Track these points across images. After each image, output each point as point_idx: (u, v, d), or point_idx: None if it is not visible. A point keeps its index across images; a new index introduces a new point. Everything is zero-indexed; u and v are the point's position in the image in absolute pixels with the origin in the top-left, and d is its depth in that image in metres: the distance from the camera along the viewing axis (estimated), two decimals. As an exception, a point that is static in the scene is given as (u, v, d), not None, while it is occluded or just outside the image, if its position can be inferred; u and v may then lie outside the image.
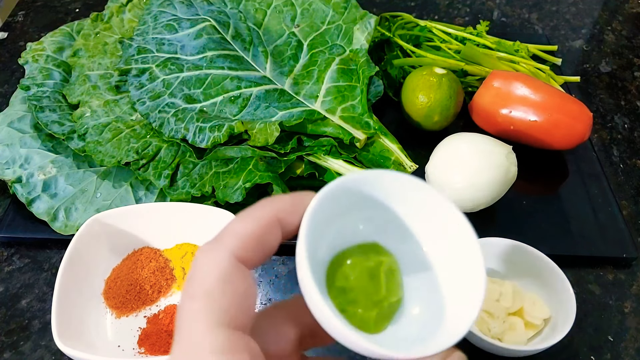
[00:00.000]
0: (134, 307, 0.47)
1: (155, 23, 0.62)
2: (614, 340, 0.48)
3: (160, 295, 0.48)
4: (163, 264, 0.50)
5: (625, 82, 0.74)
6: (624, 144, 0.66)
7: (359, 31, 0.63)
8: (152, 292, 0.48)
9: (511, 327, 0.45)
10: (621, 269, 0.53)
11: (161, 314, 0.47)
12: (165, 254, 0.50)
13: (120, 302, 0.47)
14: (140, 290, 0.48)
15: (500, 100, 0.59)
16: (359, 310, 0.25)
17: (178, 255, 0.50)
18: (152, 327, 0.46)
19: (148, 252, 0.50)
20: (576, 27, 0.83)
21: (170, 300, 0.48)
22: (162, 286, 0.48)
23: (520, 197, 0.58)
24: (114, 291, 0.47)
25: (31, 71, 0.60)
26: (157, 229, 0.50)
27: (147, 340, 0.45)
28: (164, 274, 0.49)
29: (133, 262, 0.50)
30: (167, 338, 0.44)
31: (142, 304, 0.47)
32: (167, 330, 0.45)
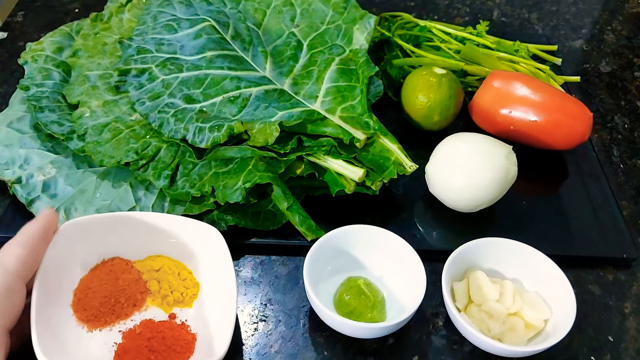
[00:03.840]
0: (108, 321, 0.44)
1: (155, 23, 0.62)
2: (614, 341, 0.48)
3: (135, 309, 0.46)
4: (136, 276, 0.47)
5: (626, 82, 0.74)
6: (624, 144, 0.66)
7: (358, 31, 0.63)
8: (127, 305, 0.46)
9: (511, 327, 0.45)
10: (621, 269, 0.53)
11: (138, 329, 0.44)
12: (137, 266, 0.48)
13: (92, 315, 0.44)
14: (115, 303, 0.45)
15: (500, 100, 0.59)
16: (369, 315, 0.46)
17: (152, 267, 0.48)
18: (129, 342, 0.43)
19: (120, 264, 0.48)
20: (576, 27, 0.83)
21: (145, 314, 0.46)
22: (137, 299, 0.46)
23: (520, 197, 0.58)
24: (85, 303, 0.44)
25: (30, 71, 0.60)
26: (126, 239, 0.47)
27: (125, 356, 0.42)
28: (138, 287, 0.47)
29: (105, 273, 0.47)
30: (148, 354, 0.42)
31: (116, 317, 0.45)
32: (149, 345, 0.43)
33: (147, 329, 0.44)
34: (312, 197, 0.55)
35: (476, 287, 0.47)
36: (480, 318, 0.46)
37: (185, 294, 0.47)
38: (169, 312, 0.46)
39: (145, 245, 0.48)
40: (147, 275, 0.48)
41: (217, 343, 0.42)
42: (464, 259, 0.48)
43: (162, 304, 0.46)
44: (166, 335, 0.44)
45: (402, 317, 0.43)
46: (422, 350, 0.47)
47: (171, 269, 0.48)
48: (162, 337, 0.43)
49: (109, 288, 0.46)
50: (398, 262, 0.48)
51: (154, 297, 0.47)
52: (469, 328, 0.43)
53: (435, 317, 0.49)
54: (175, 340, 0.43)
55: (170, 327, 0.44)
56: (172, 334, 0.44)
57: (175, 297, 0.47)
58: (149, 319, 0.45)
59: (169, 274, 0.48)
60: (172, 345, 0.43)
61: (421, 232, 0.54)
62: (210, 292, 0.46)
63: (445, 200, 0.54)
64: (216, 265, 0.46)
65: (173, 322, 0.45)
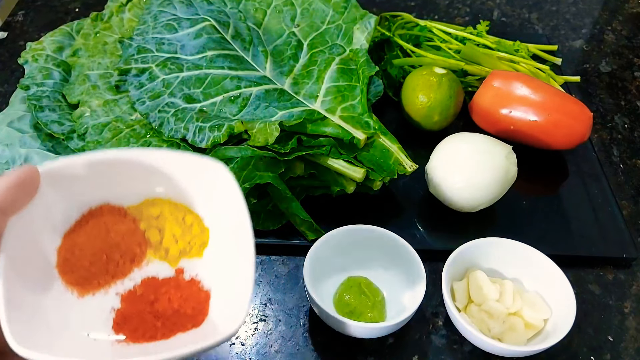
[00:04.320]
0: (102, 283, 0.36)
1: (155, 23, 0.62)
2: (613, 341, 0.48)
3: (133, 266, 0.37)
4: (132, 226, 0.38)
5: (626, 82, 0.74)
6: (624, 144, 0.66)
7: (359, 31, 0.63)
8: (123, 262, 0.37)
9: (511, 327, 0.45)
10: (621, 269, 0.53)
11: (139, 290, 0.36)
12: (132, 212, 0.39)
13: (82, 277, 0.36)
14: (108, 260, 0.37)
15: (500, 100, 0.59)
16: (369, 315, 0.46)
17: (150, 213, 0.39)
18: (129, 306, 0.36)
19: (110, 211, 0.38)
20: (576, 27, 0.83)
21: (146, 271, 0.37)
22: (135, 254, 0.38)
23: (520, 197, 0.58)
24: (72, 263, 0.36)
25: (31, 71, 0.60)
26: (117, 182, 0.38)
27: (125, 324, 0.35)
28: (135, 238, 0.38)
29: (93, 225, 0.38)
30: (153, 320, 0.34)
31: (111, 277, 0.36)
32: (153, 310, 0.35)
33: (149, 290, 0.36)
34: (312, 197, 0.55)
35: (476, 287, 0.47)
36: (480, 318, 0.46)
37: (192, 243, 0.38)
38: (175, 266, 0.38)
39: (139, 187, 0.39)
40: (145, 223, 0.39)
41: (236, 300, 0.33)
42: (464, 259, 0.48)
43: (166, 257, 0.38)
44: (173, 295, 0.36)
45: (402, 317, 0.43)
46: (422, 350, 0.47)
47: (173, 214, 0.39)
48: (168, 299, 0.36)
49: (100, 242, 0.37)
50: (398, 262, 0.48)
51: (155, 249, 0.38)
52: (469, 328, 0.43)
53: (435, 317, 0.49)
54: (184, 300, 0.35)
55: (178, 285, 0.36)
56: (180, 293, 0.36)
57: (181, 247, 0.38)
58: (152, 277, 0.37)
59: (172, 220, 0.39)
60: (182, 307, 0.35)
61: (421, 232, 0.54)
62: (223, 238, 0.38)
63: (445, 200, 0.54)
64: (226, 206, 0.37)
65: (181, 279, 0.37)
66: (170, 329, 0.34)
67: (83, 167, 0.36)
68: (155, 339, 0.33)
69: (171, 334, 0.33)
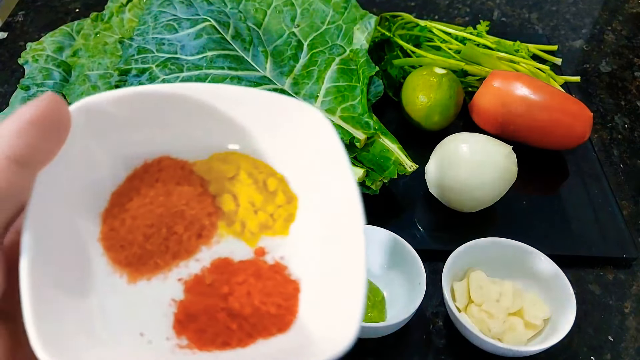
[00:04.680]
0: (160, 264, 0.27)
1: (156, 23, 0.62)
2: (614, 341, 0.48)
3: (200, 242, 0.28)
4: (200, 189, 0.29)
5: (626, 82, 0.74)
6: (624, 144, 0.66)
7: (359, 31, 0.63)
8: (188, 236, 0.28)
9: (511, 327, 0.45)
10: (621, 269, 0.53)
11: (208, 276, 0.27)
12: (199, 170, 0.29)
13: (134, 256, 0.27)
14: (168, 233, 0.27)
15: (500, 101, 0.59)
16: (369, 315, 0.45)
17: (222, 172, 0.29)
18: (195, 299, 0.26)
19: (171, 167, 0.29)
20: (576, 27, 0.83)
21: (217, 251, 0.28)
22: (204, 226, 0.28)
23: (521, 197, 0.58)
24: (121, 236, 0.27)
25: (31, 71, 0.60)
26: (179, 128, 0.28)
27: (190, 323, 0.25)
28: (204, 205, 0.28)
29: (149, 184, 0.28)
30: (226, 320, 0.25)
31: (172, 257, 0.27)
32: (226, 306, 0.25)
33: (222, 276, 0.27)
34: (312, 197, 0.55)
35: (476, 287, 0.47)
36: (480, 318, 0.46)
37: (276, 215, 0.29)
38: (254, 245, 0.28)
39: (209, 136, 0.29)
40: (216, 185, 0.29)
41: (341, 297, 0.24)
42: (464, 259, 0.48)
43: (243, 232, 0.28)
44: (253, 286, 0.26)
45: (402, 317, 0.43)
46: (422, 350, 0.47)
47: (252, 175, 0.29)
48: (246, 292, 0.26)
49: (158, 208, 0.27)
50: (398, 262, 0.48)
51: (228, 221, 0.28)
52: (469, 328, 0.43)
53: (435, 317, 0.49)
54: (267, 294, 0.26)
55: (258, 272, 0.27)
56: (261, 283, 0.26)
57: (261, 220, 0.28)
58: (224, 259, 0.27)
59: (250, 183, 0.29)
60: (264, 304, 0.26)
61: (421, 232, 0.54)
62: (317, 210, 0.28)
63: (445, 200, 0.54)
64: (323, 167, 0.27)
65: (262, 263, 0.27)
66: (249, 333, 0.25)
67: (133, 105, 0.27)
68: (228, 346, 0.24)
69: (250, 340, 0.25)
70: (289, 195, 0.29)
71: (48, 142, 0.21)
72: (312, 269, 0.26)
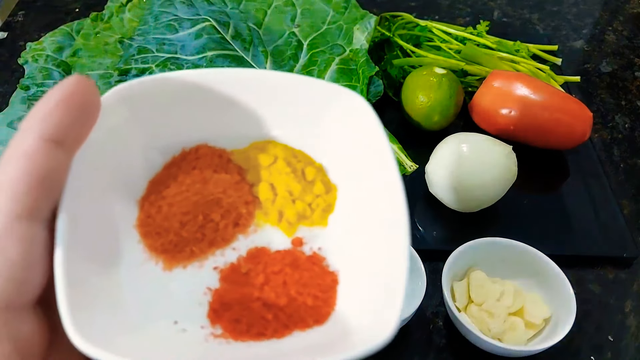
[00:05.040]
0: (196, 251, 0.27)
1: (157, 23, 0.62)
2: (614, 340, 0.48)
3: (237, 231, 0.28)
4: (237, 177, 0.29)
5: (626, 82, 0.74)
6: (625, 144, 0.66)
7: (359, 31, 0.63)
8: (225, 225, 0.28)
9: (511, 327, 0.45)
10: (622, 268, 0.53)
11: (244, 265, 0.26)
12: (237, 159, 0.29)
13: (170, 243, 0.26)
14: (204, 221, 0.27)
15: (501, 100, 0.59)
16: None
17: (260, 161, 0.29)
18: (231, 288, 0.26)
19: (208, 155, 0.29)
20: (577, 27, 0.83)
21: (254, 240, 0.27)
22: (241, 215, 0.28)
23: (521, 197, 0.58)
24: (158, 223, 0.27)
25: (31, 71, 0.60)
26: (218, 115, 0.28)
27: (225, 312, 0.25)
28: (241, 194, 0.28)
29: (186, 171, 0.28)
30: (262, 310, 0.25)
31: (208, 245, 0.27)
32: (262, 296, 0.25)
33: (259, 266, 0.27)
34: (312, 196, 0.55)
35: (476, 287, 0.47)
36: (481, 318, 0.46)
37: (314, 205, 0.28)
38: (291, 235, 0.28)
39: (247, 124, 0.29)
40: (254, 174, 0.29)
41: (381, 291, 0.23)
42: (464, 259, 0.48)
43: (280, 221, 0.28)
44: (289, 277, 0.26)
45: (402, 317, 0.43)
46: (422, 350, 0.47)
47: (291, 164, 0.29)
48: (282, 282, 0.26)
49: (195, 196, 0.27)
50: None
51: (266, 210, 0.28)
52: (469, 328, 0.43)
53: (435, 317, 0.49)
54: (304, 285, 0.25)
55: (295, 262, 0.27)
56: (298, 274, 0.26)
57: (299, 209, 0.28)
58: (261, 248, 0.27)
59: (288, 172, 0.29)
60: (301, 294, 0.25)
61: (421, 232, 0.54)
62: (357, 201, 0.27)
63: (445, 200, 0.54)
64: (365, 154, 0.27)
65: (299, 253, 0.27)
66: (285, 324, 0.24)
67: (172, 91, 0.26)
68: (263, 336, 0.24)
69: (286, 331, 0.24)
70: (327, 185, 0.28)
71: (79, 120, 0.21)
72: (351, 261, 0.26)
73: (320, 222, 0.28)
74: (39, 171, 0.19)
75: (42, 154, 0.19)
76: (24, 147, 0.19)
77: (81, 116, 0.21)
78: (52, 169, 0.19)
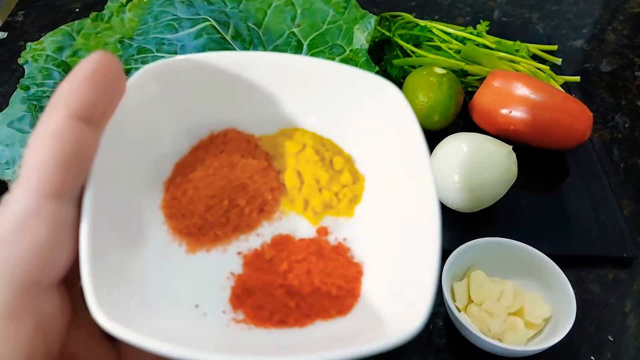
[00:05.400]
0: (220, 236, 0.26)
1: (156, 23, 0.62)
2: (614, 340, 0.48)
3: (262, 217, 0.27)
4: (264, 163, 0.28)
5: (626, 82, 0.74)
6: (625, 144, 0.66)
7: (359, 31, 0.63)
8: (250, 210, 0.27)
9: (511, 327, 0.45)
10: (622, 268, 0.53)
11: (268, 252, 0.26)
12: (265, 145, 0.29)
13: (194, 226, 0.26)
14: (230, 206, 0.27)
15: (501, 100, 0.59)
16: None
17: (287, 149, 0.28)
18: (254, 274, 0.25)
19: (236, 139, 0.28)
20: (577, 26, 0.83)
21: (278, 226, 0.27)
22: (266, 201, 0.27)
23: (521, 197, 0.58)
24: (183, 205, 0.26)
25: (31, 71, 0.60)
26: (247, 100, 0.27)
27: (248, 298, 0.24)
28: (267, 180, 0.28)
29: (213, 155, 0.28)
30: (284, 298, 0.24)
31: (232, 230, 0.27)
32: (285, 283, 0.25)
33: (282, 253, 0.26)
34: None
35: (476, 287, 0.47)
36: (481, 317, 0.46)
37: (341, 195, 0.28)
38: (316, 224, 0.27)
39: (277, 110, 0.28)
40: (281, 160, 0.28)
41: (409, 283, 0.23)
42: (464, 259, 0.48)
43: (306, 210, 0.28)
44: (313, 265, 0.25)
45: None
46: (422, 351, 0.47)
47: (319, 152, 0.28)
48: (306, 270, 0.25)
49: (221, 180, 0.27)
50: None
51: (292, 198, 0.28)
52: (469, 328, 0.43)
53: (435, 317, 0.49)
54: (328, 275, 0.25)
55: (320, 251, 0.26)
56: (323, 263, 0.26)
57: (325, 198, 0.27)
58: (285, 235, 0.27)
59: (316, 160, 0.28)
60: (324, 284, 0.25)
61: (421, 232, 0.54)
62: (386, 192, 0.27)
63: (445, 200, 0.54)
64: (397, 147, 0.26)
65: (324, 242, 0.26)
66: (307, 313, 0.24)
67: (203, 72, 0.26)
68: (285, 324, 0.23)
69: (307, 320, 0.24)
70: (355, 176, 0.28)
71: (105, 96, 0.20)
72: (377, 253, 0.25)
73: (346, 212, 0.27)
74: (68, 150, 0.19)
75: (70, 132, 0.19)
76: (52, 126, 0.19)
77: (107, 91, 0.20)
78: (80, 147, 0.19)
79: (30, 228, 0.18)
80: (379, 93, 0.26)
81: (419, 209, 0.24)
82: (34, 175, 0.18)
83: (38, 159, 0.18)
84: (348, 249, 0.26)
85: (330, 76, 0.26)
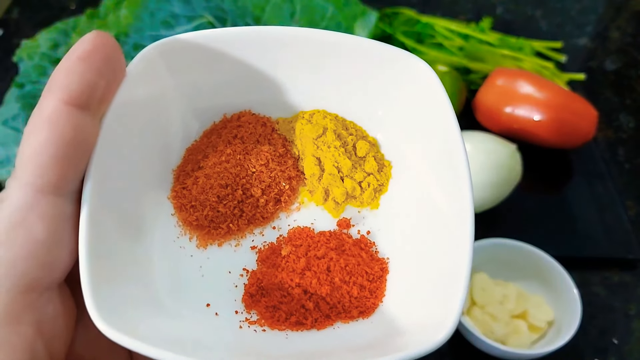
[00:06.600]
0: (233, 229, 0.24)
1: (152, 20, 0.61)
2: (618, 343, 0.47)
3: (278, 208, 0.25)
4: (281, 149, 0.25)
5: (631, 80, 0.73)
6: (630, 143, 0.65)
7: (359, 27, 0.62)
8: (265, 201, 0.24)
9: (515, 330, 0.45)
10: (627, 270, 0.52)
11: (285, 247, 0.24)
12: (282, 129, 0.26)
13: (205, 218, 0.24)
14: (244, 196, 0.24)
15: (504, 99, 0.58)
16: None
17: (306, 133, 0.25)
18: (269, 271, 0.23)
19: (252, 123, 0.25)
20: (581, 24, 0.82)
21: (296, 218, 0.25)
22: (282, 191, 0.25)
23: (525, 197, 0.57)
24: (193, 196, 0.24)
25: (26, 69, 0.59)
26: (262, 79, 0.24)
27: (262, 297, 0.22)
28: (284, 167, 0.25)
29: (227, 140, 0.25)
30: (302, 298, 0.22)
31: (246, 222, 0.24)
32: (303, 282, 0.22)
33: (300, 248, 0.23)
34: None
35: (479, 289, 0.46)
36: (484, 320, 0.45)
37: (365, 184, 0.25)
38: (337, 216, 0.25)
39: (295, 90, 0.25)
40: (300, 146, 0.26)
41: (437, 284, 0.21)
42: (467, 261, 0.47)
43: (326, 200, 0.25)
44: (334, 262, 0.23)
45: None
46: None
47: (341, 137, 0.25)
48: (326, 268, 0.23)
49: (235, 168, 0.24)
50: None
51: (311, 187, 0.25)
52: (472, 331, 0.42)
53: (437, 320, 0.48)
54: (349, 272, 0.23)
55: (341, 246, 0.24)
56: (344, 260, 0.23)
57: (348, 188, 0.25)
58: (304, 228, 0.24)
59: (338, 145, 0.25)
60: (345, 282, 0.23)
61: (423, 233, 0.54)
62: (414, 181, 0.24)
63: (448, 200, 0.53)
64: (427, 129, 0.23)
65: (346, 236, 0.24)
66: (327, 314, 0.22)
67: (214, 49, 0.23)
68: (302, 326, 0.22)
69: (327, 322, 0.22)
70: (381, 162, 0.25)
71: (103, 78, 0.18)
72: (404, 248, 0.23)
73: (370, 203, 0.25)
74: (63, 139, 0.17)
75: (65, 120, 0.17)
76: (45, 113, 0.17)
77: (105, 73, 0.18)
78: (77, 136, 0.17)
79: (26, 225, 0.17)
80: (409, 71, 0.23)
81: (451, 205, 0.21)
82: (28, 167, 0.17)
83: (32, 150, 0.17)
84: (372, 243, 0.24)
85: (355, 52, 0.23)
